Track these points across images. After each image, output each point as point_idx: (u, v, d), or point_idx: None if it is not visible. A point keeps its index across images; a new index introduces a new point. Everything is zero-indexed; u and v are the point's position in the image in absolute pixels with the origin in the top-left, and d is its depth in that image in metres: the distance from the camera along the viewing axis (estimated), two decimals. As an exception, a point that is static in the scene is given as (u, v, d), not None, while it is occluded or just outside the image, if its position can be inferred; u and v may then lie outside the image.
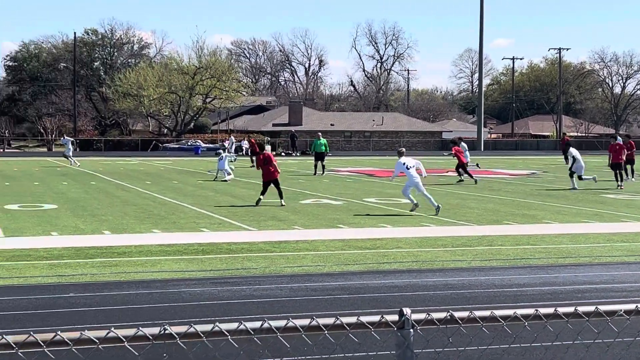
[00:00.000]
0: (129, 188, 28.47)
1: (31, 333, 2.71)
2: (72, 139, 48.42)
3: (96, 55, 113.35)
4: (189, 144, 75.89)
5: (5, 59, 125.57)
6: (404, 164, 20.37)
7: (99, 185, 29.54)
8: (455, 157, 31.58)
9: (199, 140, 78.30)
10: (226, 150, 40.85)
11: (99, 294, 10.34)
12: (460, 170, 31.48)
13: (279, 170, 22.61)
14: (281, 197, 22.02)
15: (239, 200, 24.00)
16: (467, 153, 34.73)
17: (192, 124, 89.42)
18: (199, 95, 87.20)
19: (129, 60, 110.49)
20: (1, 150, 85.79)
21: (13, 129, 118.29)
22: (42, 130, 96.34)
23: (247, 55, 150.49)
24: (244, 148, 70.95)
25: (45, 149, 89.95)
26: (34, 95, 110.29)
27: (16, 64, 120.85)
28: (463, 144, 34.18)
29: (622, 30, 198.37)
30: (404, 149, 21.97)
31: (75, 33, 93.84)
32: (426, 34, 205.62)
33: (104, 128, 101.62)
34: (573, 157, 28.68)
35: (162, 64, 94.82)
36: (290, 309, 9.58)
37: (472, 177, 31.09)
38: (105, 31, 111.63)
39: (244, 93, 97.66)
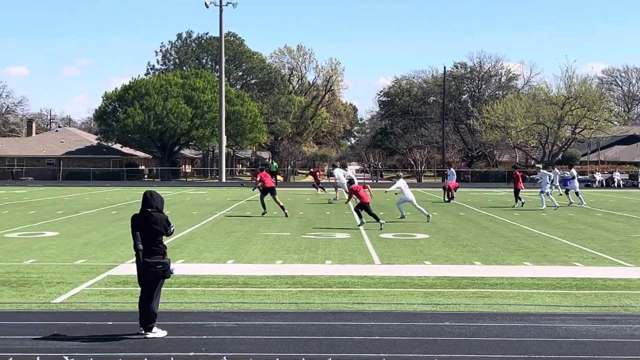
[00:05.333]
0: (497, 219, 28.49)
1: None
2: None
3: (464, 88, 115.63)
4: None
5: (379, 95, 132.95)
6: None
7: (467, 216, 29.95)
8: None
9: (567, 172, 76.25)
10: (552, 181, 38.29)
11: (473, 325, 10.42)
12: None
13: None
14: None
15: (612, 234, 22.95)
16: None
17: (561, 154, 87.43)
18: (567, 125, 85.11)
19: (497, 92, 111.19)
20: (374, 181, 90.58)
21: (385, 161, 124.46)
22: (412, 162, 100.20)
23: (620, 83, 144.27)
24: (615, 180, 67.96)
25: (414, 180, 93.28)
26: (405, 128, 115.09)
27: (389, 99, 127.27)
28: None
29: None
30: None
31: (445, 67, 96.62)
32: None
33: (470, 159, 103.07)
34: None
35: (530, 95, 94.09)
36: (677, 354, 8.90)
37: None
38: (474, 64, 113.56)
39: (616, 123, 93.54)
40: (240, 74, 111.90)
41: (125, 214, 29.78)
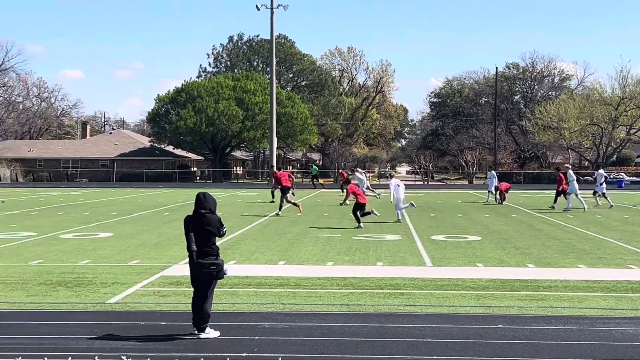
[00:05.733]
0: (550, 221, 28.17)
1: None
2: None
3: (517, 89, 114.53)
4: (612, 177, 73.20)
5: (429, 96, 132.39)
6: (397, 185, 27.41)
7: (520, 218, 29.65)
8: None
9: (622, 173, 75.22)
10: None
11: (527, 327, 10.31)
12: None
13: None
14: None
15: (669, 237, 22.52)
16: None
17: (615, 156, 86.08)
18: (622, 126, 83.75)
19: (550, 92, 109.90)
20: (425, 182, 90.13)
21: (436, 162, 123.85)
22: (463, 163, 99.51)
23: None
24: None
25: (466, 182, 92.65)
26: (456, 129, 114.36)
27: (440, 100, 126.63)
28: None
29: None
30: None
31: (496, 68, 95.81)
32: None
33: (523, 161, 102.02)
34: None
35: (583, 96, 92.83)
36: None
37: None
38: (527, 65, 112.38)
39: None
40: (291, 75, 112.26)
41: (177, 215, 30.07)
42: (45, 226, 25.68)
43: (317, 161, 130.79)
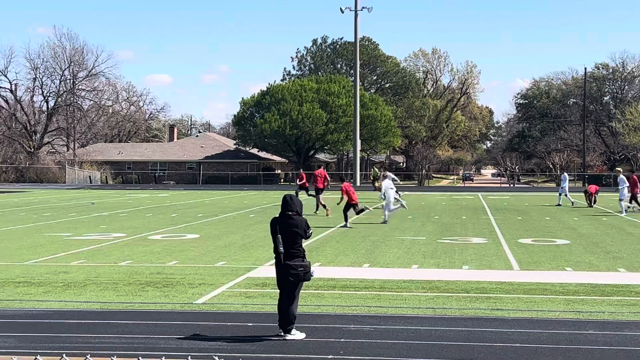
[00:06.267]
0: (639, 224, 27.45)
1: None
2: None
3: (606, 89, 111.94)
4: None
5: (516, 97, 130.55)
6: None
7: (610, 222, 28.95)
8: None
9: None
10: None
11: (619, 333, 10.04)
12: None
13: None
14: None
15: None
16: None
17: None
18: None
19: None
20: (511, 185, 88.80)
21: (522, 165, 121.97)
22: (550, 166, 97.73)
23: None
24: None
25: (553, 184, 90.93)
26: (543, 131, 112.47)
27: (526, 101, 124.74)
28: None
29: None
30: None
31: (585, 68, 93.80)
32: None
33: (612, 163, 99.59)
34: None
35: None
36: None
37: None
38: (616, 65, 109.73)
39: None
40: (375, 78, 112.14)
41: (262, 217, 30.32)
42: (134, 227, 26.25)
43: (401, 164, 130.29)
